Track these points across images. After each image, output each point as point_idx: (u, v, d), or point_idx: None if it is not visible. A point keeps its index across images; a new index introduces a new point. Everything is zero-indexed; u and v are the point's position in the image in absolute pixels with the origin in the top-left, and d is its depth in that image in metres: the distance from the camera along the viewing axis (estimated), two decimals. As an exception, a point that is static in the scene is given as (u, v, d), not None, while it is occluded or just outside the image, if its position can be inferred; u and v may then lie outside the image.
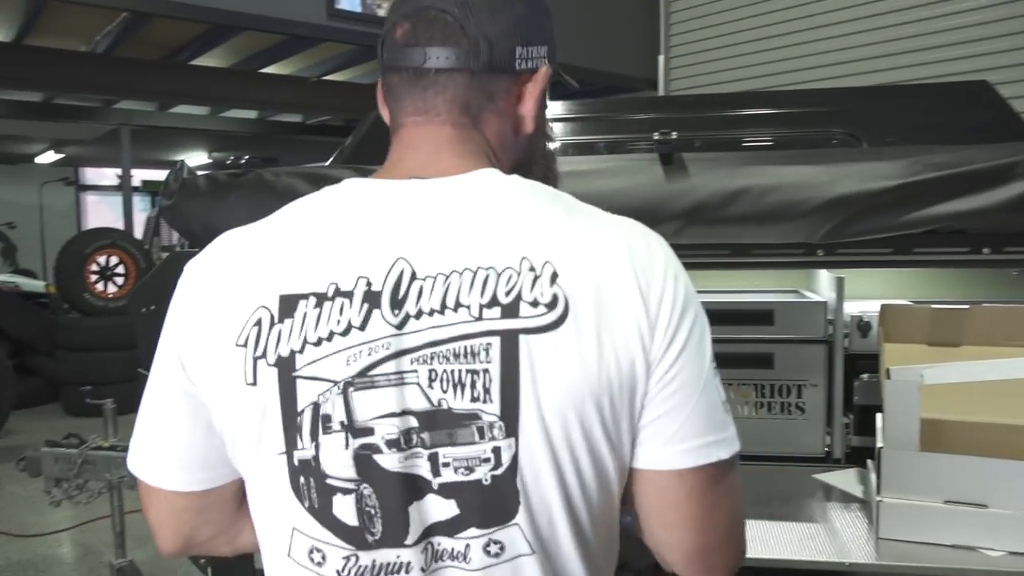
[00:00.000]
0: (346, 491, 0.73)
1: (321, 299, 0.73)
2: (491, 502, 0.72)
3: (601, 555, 0.78)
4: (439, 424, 0.72)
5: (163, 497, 0.84)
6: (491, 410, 0.71)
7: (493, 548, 0.73)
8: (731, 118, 2.30)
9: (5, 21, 5.04)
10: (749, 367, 1.93)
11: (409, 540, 0.73)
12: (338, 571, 0.74)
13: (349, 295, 0.72)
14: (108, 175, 11.71)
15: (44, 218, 11.56)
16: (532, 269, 0.72)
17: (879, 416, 1.62)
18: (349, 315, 0.72)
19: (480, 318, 0.71)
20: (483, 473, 0.72)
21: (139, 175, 9.45)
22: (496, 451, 0.71)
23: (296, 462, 0.74)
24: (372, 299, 0.72)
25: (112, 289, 7.30)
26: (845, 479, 1.77)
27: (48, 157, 10.79)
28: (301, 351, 0.72)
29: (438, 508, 0.73)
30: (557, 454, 0.71)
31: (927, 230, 1.70)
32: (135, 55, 5.68)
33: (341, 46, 5.78)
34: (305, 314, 0.73)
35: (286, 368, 0.73)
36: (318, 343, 0.72)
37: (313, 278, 0.73)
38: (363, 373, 0.72)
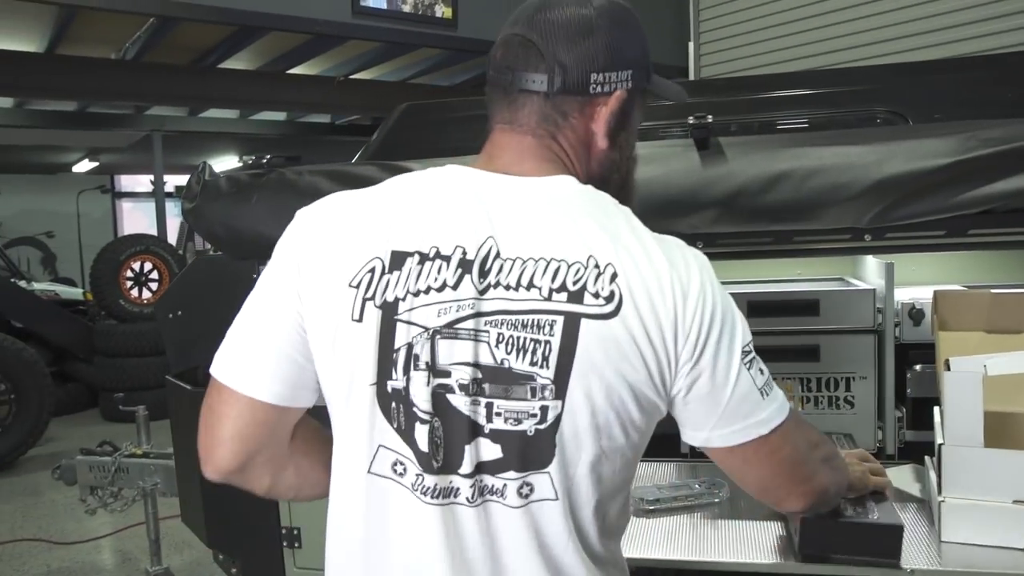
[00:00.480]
0: (423, 420, 0.89)
1: (424, 258, 0.89)
2: (530, 451, 0.88)
3: (614, 513, 0.95)
4: (499, 379, 0.87)
5: (244, 406, 0.95)
6: (546, 375, 0.86)
7: (524, 490, 0.88)
8: (767, 100, 2.20)
9: (37, 32, 5.09)
10: (793, 360, 1.84)
11: (463, 471, 0.88)
12: (412, 484, 0.90)
13: (447, 259, 0.89)
14: (143, 181, 11.88)
15: (82, 226, 11.77)
16: (597, 267, 0.88)
17: (936, 410, 1.52)
18: (445, 276, 0.88)
19: (549, 299, 0.87)
20: (529, 425, 0.87)
21: (172, 180, 9.56)
22: (543, 409, 0.87)
23: (390, 390, 0.89)
24: (465, 265, 0.88)
25: (147, 295, 7.38)
26: (900, 476, 1.67)
27: (84, 166, 10.97)
28: (403, 299, 0.89)
29: (487, 449, 0.88)
30: (596, 419, 0.87)
31: (983, 210, 1.60)
32: (164, 60, 5.71)
33: (367, 44, 5.77)
34: (410, 269, 0.89)
35: (389, 311, 0.89)
36: (417, 294, 0.88)
37: (419, 239, 0.90)
38: (450, 325, 0.88)
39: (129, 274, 7.59)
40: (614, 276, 0.87)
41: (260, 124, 8.62)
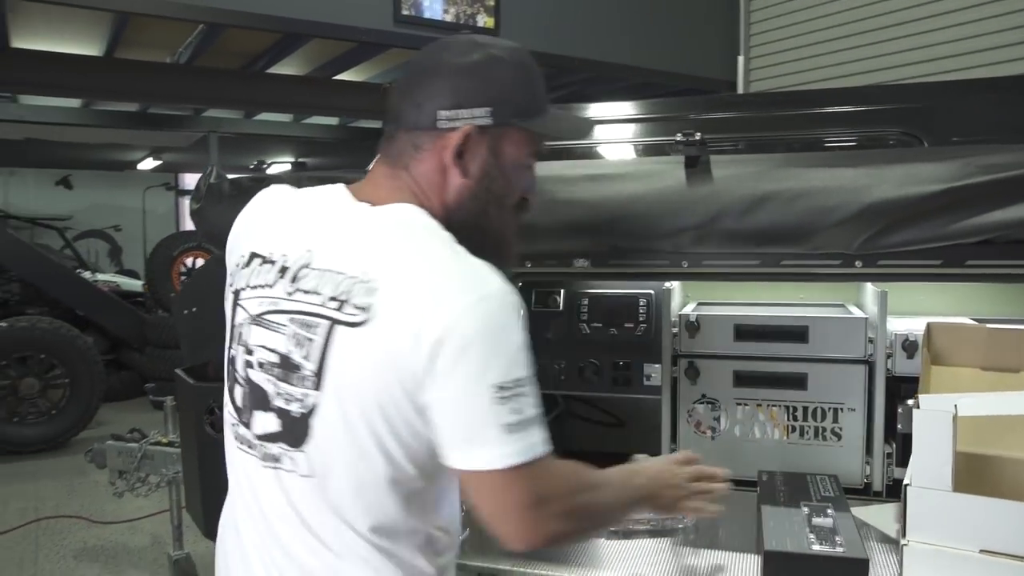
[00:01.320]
0: (240, 385, 1.12)
1: (264, 260, 1.11)
2: (296, 430, 1.04)
3: (393, 513, 1.04)
4: (283, 365, 1.05)
5: None
6: (310, 368, 1.02)
7: (289, 464, 1.05)
8: (774, 119, 2.13)
9: (96, 36, 5.29)
10: (779, 387, 1.77)
11: (254, 433, 1.09)
12: (236, 434, 1.14)
13: (274, 263, 1.10)
14: (205, 180, 12.20)
15: (147, 221, 12.17)
16: (364, 282, 1.00)
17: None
18: (268, 277, 1.10)
19: (323, 305, 1.03)
20: (295, 408, 1.04)
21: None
22: (305, 396, 1.03)
23: (230, 356, 1.14)
24: (283, 271, 1.08)
25: (197, 290, 7.57)
26: (881, 515, 1.59)
27: (148, 164, 11.33)
28: (243, 289, 1.13)
29: (271, 421, 1.07)
30: (345, 415, 1.01)
31: (982, 240, 1.52)
32: (215, 64, 5.86)
33: (410, 52, 5.81)
34: (254, 268, 1.12)
35: (235, 297, 1.15)
36: (252, 288, 1.11)
37: (267, 245, 1.12)
38: (261, 315, 1.09)
39: (182, 269, 7.83)
40: (375, 290, 0.99)
41: (313, 128, 8.77)
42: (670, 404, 1.84)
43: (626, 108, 2.41)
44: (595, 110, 2.45)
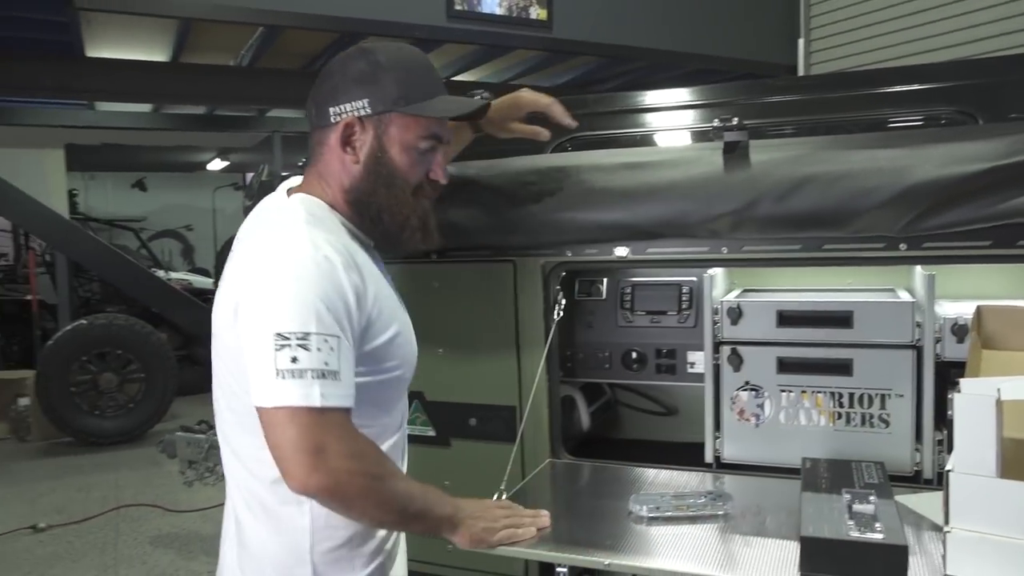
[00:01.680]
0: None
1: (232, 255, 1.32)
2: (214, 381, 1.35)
3: (262, 458, 1.20)
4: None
5: None
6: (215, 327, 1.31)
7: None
8: (818, 102, 2.08)
9: (163, 43, 5.50)
10: (823, 373, 1.74)
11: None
12: None
13: (231, 255, 1.32)
14: (271, 179, 12.53)
15: (217, 220, 12.58)
16: (232, 258, 1.30)
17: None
18: (226, 266, 1.31)
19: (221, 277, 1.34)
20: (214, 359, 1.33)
21: (295, 179, 9.99)
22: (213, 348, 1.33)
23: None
24: (229, 260, 1.32)
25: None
26: (930, 503, 1.55)
27: (217, 164, 11.70)
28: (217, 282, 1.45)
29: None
30: (219, 359, 1.31)
31: (1034, 220, 1.47)
32: (276, 65, 6.02)
33: (464, 47, 5.86)
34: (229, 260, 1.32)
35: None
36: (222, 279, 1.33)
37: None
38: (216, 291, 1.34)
39: (249, 266, 8.05)
40: (231, 260, 1.29)
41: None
42: (713, 392, 1.83)
43: (672, 96, 2.39)
44: (638, 98, 2.43)
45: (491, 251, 1.88)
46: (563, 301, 1.88)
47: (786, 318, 1.76)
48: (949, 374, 1.68)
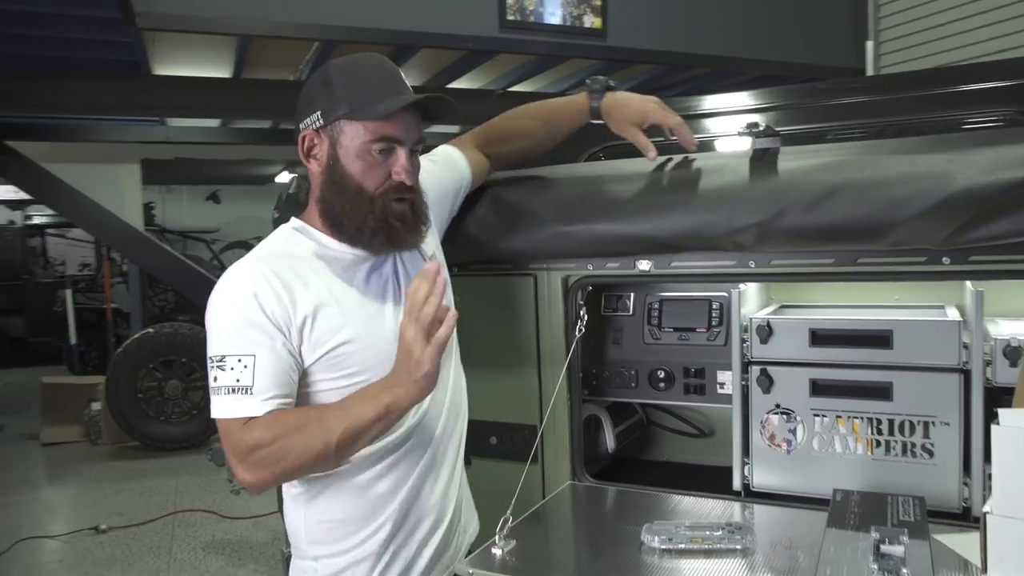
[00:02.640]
0: None
1: None
2: None
3: None
4: None
5: None
6: None
7: None
8: (866, 105, 1.96)
9: (224, 59, 5.63)
10: (861, 398, 1.62)
11: None
12: None
13: None
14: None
15: (286, 231, 12.88)
16: None
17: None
18: None
19: None
20: None
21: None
22: None
23: None
24: None
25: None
26: (972, 544, 1.41)
27: (284, 177, 11.98)
28: None
29: None
30: None
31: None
32: (335, 80, 6.08)
33: (519, 58, 5.81)
34: None
35: None
36: None
37: None
38: None
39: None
40: None
41: (435, 136, 8.95)
42: (741, 415, 1.72)
43: (725, 101, 2.28)
44: (686, 103, 2.33)
45: (512, 264, 1.84)
46: (585, 316, 1.80)
47: (820, 337, 1.65)
48: (1001, 401, 1.54)
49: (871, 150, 1.50)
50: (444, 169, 1.68)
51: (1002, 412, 1.14)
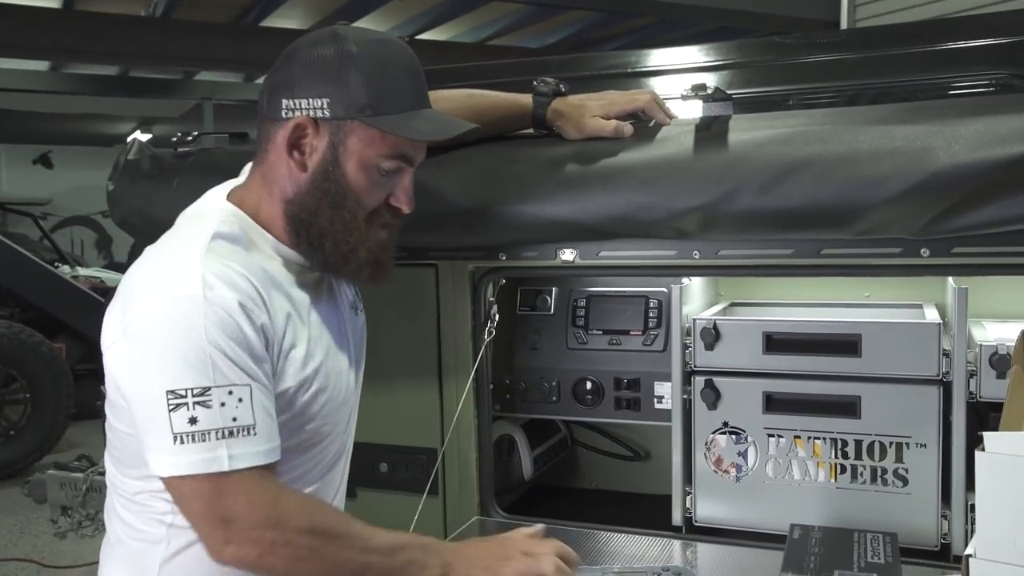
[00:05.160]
0: None
1: None
2: None
3: (131, 481, 1.29)
4: None
5: None
6: None
7: None
8: (829, 64, 1.97)
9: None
10: (823, 414, 1.64)
11: None
12: None
13: None
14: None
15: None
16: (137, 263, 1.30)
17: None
18: None
19: None
20: None
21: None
22: None
23: None
24: None
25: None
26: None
27: (139, 138, 11.62)
28: None
29: None
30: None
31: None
32: (197, 17, 5.92)
33: (509, 6, 5.78)
34: None
35: None
36: None
37: None
38: None
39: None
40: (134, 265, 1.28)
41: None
42: (683, 435, 1.73)
43: (670, 56, 2.27)
44: (624, 59, 2.30)
45: (407, 253, 1.79)
46: (496, 316, 1.79)
47: (775, 342, 1.66)
48: (988, 418, 1.58)
49: (838, 119, 1.50)
50: None
51: (988, 436, 1.15)
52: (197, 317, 1.17)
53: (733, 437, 1.70)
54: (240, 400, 1.16)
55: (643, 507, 1.99)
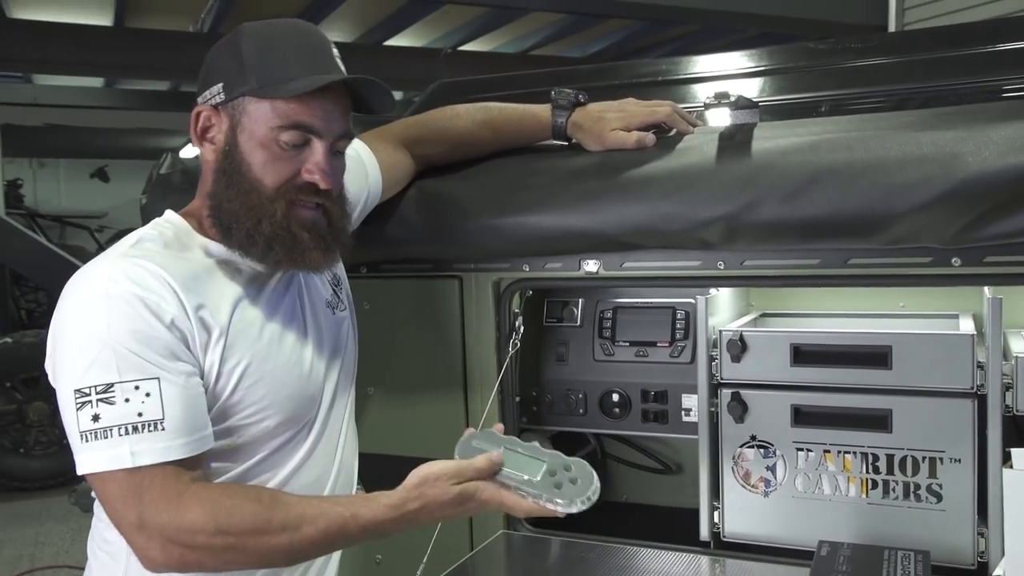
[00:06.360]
0: None
1: None
2: None
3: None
4: None
5: None
6: None
7: None
8: (876, 69, 1.93)
9: (102, 3, 5.51)
10: (853, 428, 1.60)
11: None
12: None
13: None
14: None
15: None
16: None
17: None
18: None
19: None
20: None
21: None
22: None
23: None
24: None
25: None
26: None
27: (191, 151, 11.81)
28: None
29: None
30: None
31: None
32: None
33: (473, 10, 5.80)
34: None
35: None
36: None
37: None
38: None
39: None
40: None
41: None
42: (709, 449, 1.70)
43: (684, 66, 2.25)
44: (659, 68, 2.28)
45: (432, 264, 1.82)
46: (521, 327, 1.79)
47: (804, 354, 1.63)
48: None
49: (865, 126, 1.47)
50: (348, 175, 1.50)
51: (1016, 453, 1.12)
52: (101, 314, 1.17)
53: (761, 451, 1.66)
54: (148, 395, 1.16)
55: (674, 521, 1.96)
